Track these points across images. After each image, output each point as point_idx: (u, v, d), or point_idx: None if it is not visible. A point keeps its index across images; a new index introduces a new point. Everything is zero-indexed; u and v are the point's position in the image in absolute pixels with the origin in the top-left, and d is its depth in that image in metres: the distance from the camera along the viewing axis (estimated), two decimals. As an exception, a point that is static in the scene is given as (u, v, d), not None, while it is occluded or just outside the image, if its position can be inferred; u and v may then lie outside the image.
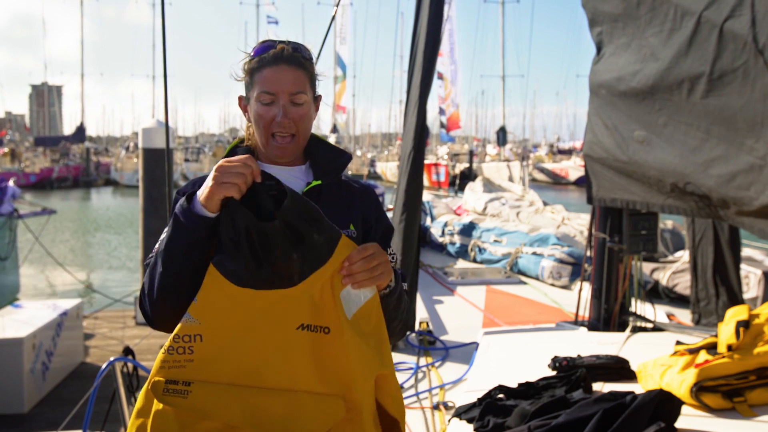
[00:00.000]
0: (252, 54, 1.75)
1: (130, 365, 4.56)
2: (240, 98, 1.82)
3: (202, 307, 1.50)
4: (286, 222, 1.50)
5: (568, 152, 50.08)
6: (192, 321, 1.50)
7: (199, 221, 1.51)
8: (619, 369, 3.02)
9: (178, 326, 1.50)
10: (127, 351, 4.74)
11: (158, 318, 1.61)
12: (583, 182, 4.38)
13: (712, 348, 2.68)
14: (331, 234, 1.55)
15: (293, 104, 1.71)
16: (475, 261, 7.38)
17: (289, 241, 1.51)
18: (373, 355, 1.55)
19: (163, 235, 1.57)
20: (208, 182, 1.50)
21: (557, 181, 43.10)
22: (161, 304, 1.58)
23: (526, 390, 2.75)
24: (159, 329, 1.64)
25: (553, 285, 6.21)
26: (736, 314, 2.73)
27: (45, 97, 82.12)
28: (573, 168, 41.93)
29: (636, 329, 3.84)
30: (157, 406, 1.48)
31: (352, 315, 1.55)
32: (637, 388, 2.73)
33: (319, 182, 1.75)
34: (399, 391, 1.63)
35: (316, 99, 1.80)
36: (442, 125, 28.02)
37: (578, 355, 3.08)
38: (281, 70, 1.70)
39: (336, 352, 1.52)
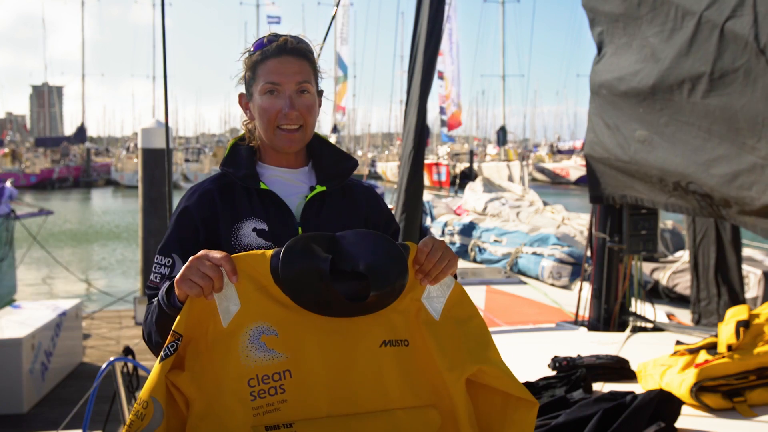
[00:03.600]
0: (252, 48, 1.71)
1: (130, 365, 4.56)
2: (241, 96, 1.77)
3: (286, 341, 1.41)
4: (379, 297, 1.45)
5: (569, 152, 50.01)
6: (278, 356, 1.39)
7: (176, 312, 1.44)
8: (619, 369, 3.01)
9: (263, 366, 1.39)
10: (127, 351, 4.74)
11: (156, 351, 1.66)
12: (583, 182, 4.38)
13: (712, 348, 2.68)
14: (405, 254, 1.49)
15: (299, 94, 1.67)
16: (475, 261, 7.37)
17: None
18: (471, 346, 1.51)
19: (152, 309, 1.55)
20: (181, 271, 1.41)
21: (558, 180, 43.07)
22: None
23: (526, 390, 2.75)
24: None
25: (553, 285, 6.21)
26: (736, 314, 2.72)
27: (45, 97, 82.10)
28: (574, 167, 41.87)
29: (636, 329, 3.84)
30: None
31: (440, 314, 1.52)
32: (637, 388, 2.72)
33: (323, 188, 1.71)
34: (506, 374, 1.57)
35: (319, 94, 1.76)
36: (443, 124, 28.02)
37: (578, 355, 3.08)
38: (286, 61, 1.66)
39: (420, 362, 1.49)
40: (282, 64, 1.66)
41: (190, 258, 1.41)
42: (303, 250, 1.43)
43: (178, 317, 1.40)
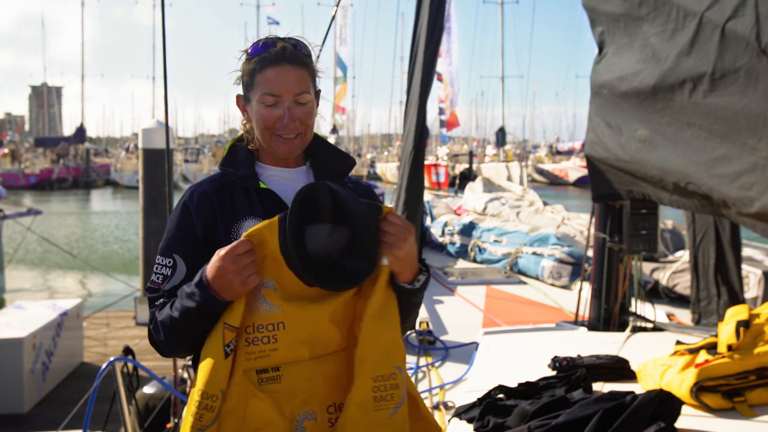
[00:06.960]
0: (250, 52, 1.70)
1: (130, 365, 4.56)
2: (238, 97, 1.77)
3: (282, 295, 1.55)
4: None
5: (568, 153, 50.02)
6: (274, 309, 1.54)
7: (224, 306, 1.53)
8: (619, 369, 3.01)
9: (259, 316, 1.53)
10: (127, 351, 4.75)
11: (173, 355, 1.72)
12: (582, 183, 4.38)
13: (712, 348, 2.68)
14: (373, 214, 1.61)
15: (297, 104, 1.67)
16: (475, 261, 7.37)
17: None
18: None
19: (174, 313, 1.56)
20: (228, 280, 1.49)
21: (556, 182, 43.04)
22: (178, 352, 1.70)
23: (526, 390, 2.75)
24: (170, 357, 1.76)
25: (553, 285, 6.20)
26: (736, 314, 2.73)
27: (45, 98, 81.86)
28: (573, 169, 41.85)
29: (636, 329, 3.84)
30: (253, 396, 1.52)
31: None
32: (637, 388, 2.72)
33: None
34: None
35: (317, 94, 1.77)
36: (442, 124, 28.06)
37: (578, 355, 3.08)
38: (284, 71, 1.66)
39: (352, 310, 1.62)
40: (280, 75, 1.65)
41: (219, 265, 1.49)
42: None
43: (231, 314, 1.51)
